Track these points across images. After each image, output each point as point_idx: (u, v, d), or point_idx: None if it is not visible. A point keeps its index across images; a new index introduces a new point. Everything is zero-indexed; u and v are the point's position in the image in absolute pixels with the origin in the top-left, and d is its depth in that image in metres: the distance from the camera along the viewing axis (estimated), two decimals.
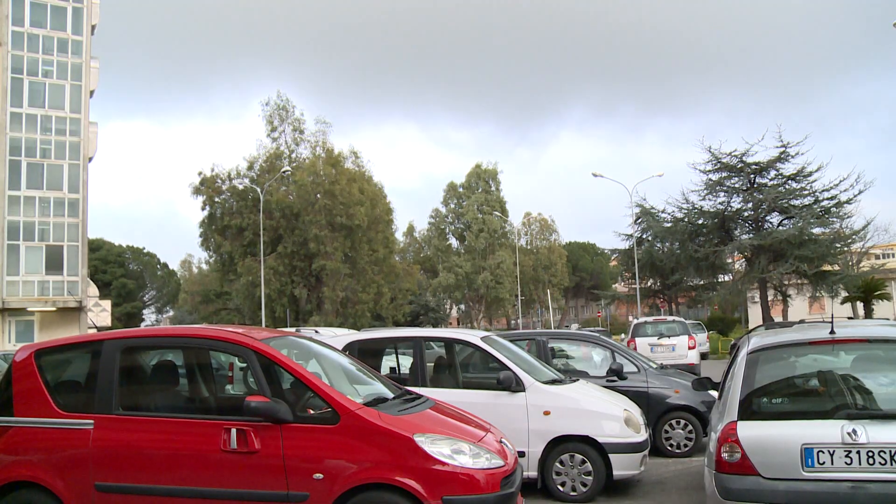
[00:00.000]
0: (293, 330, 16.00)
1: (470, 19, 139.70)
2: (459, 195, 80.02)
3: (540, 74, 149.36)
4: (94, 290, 45.63)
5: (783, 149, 37.57)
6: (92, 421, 5.92)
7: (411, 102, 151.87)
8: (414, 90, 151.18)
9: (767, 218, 38.84)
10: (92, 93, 40.47)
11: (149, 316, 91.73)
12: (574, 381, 9.13)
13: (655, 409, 10.51)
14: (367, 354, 9.15)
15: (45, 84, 38.76)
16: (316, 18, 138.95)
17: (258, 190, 48.67)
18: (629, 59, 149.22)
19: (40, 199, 38.16)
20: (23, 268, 37.65)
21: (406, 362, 9.92)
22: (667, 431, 10.62)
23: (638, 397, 10.00)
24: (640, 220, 46.26)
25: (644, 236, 47.61)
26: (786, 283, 39.66)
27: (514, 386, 8.13)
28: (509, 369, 8.27)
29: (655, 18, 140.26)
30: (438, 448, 5.43)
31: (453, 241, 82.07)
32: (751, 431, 5.33)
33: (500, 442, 6.09)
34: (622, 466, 8.10)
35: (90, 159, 40.13)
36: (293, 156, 57.54)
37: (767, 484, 5.22)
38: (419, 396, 6.48)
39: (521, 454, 7.50)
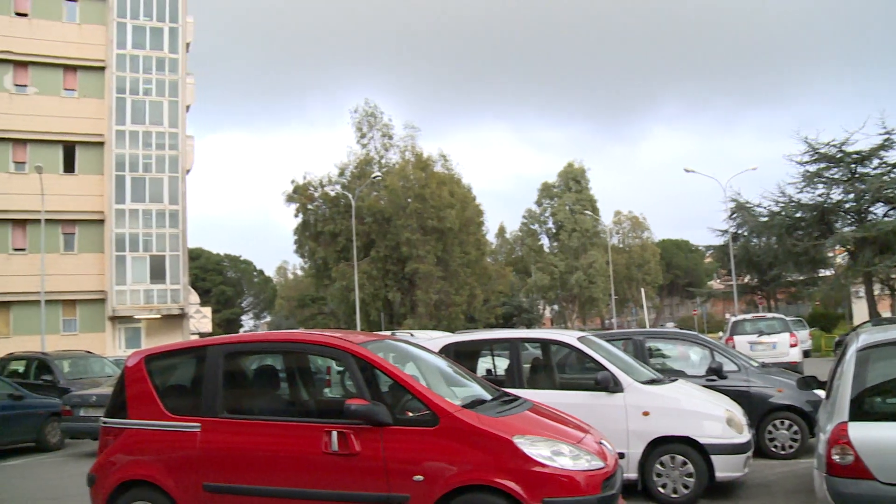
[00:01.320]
0: (389, 333, 16.25)
1: (561, 17, 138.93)
2: (552, 195, 79.63)
3: (631, 71, 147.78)
4: (195, 297, 47.18)
5: (887, 136, 35.80)
6: (199, 424, 6.14)
7: (503, 104, 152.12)
8: (506, 91, 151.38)
9: (871, 209, 37.16)
10: (188, 108, 41.94)
11: (247, 321, 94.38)
12: (673, 380, 8.96)
13: (758, 409, 10.18)
14: (462, 356, 9.13)
15: (146, 101, 40.36)
16: (406, 24, 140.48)
17: (350, 196, 49.45)
18: (721, 51, 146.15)
19: (143, 211, 39.74)
20: (130, 277, 39.24)
21: (502, 364, 9.94)
22: (770, 432, 10.30)
23: (739, 397, 9.70)
24: (734, 216, 45.10)
25: (739, 231, 46.38)
26: (893, 276, 37.98)
27: (612, 386, 8.04)
28: (607, 369, 8.18)
29: (747, 8, 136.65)
30: (538, 450, 5.39)
31: (545, 241, 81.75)
32: (864, 433, 5.10)
33: (600, 443, 6.04)
34: (725, 468, 7.92)
35: (188, 171, 41.56)
36: (383, 161, 58.26)
37: (886, 489, 4.97)
38: (517, 398, 6.46)
39: (621, 455, 7.40)
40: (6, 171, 38.17)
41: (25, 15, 39.39)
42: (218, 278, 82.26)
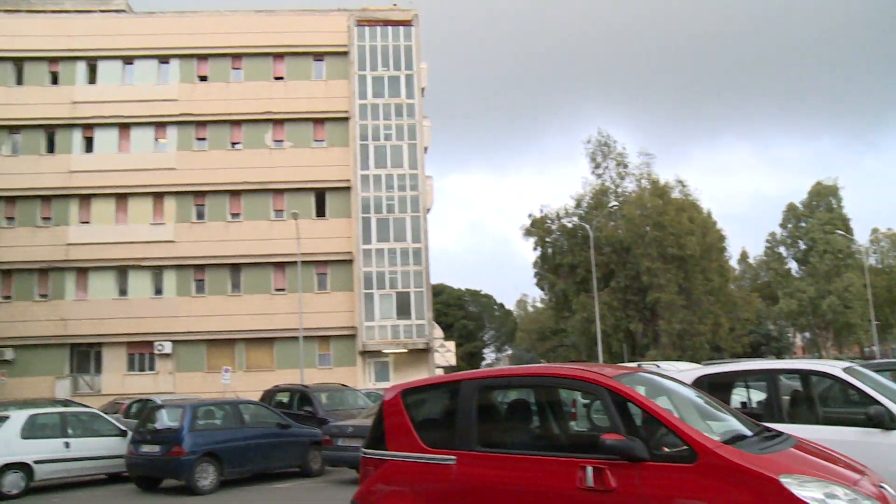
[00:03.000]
0: (635, 365, 15.83)
1: (800, 26, 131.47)
2: (799, 215, 74.84)
3: (886, 76, 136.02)
4: (439, 332, 48.71)
5: None
6: (454, 457, 6.16)
7: (741, 122, 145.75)
8: (744, 109, 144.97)
9: None
10: (426, 149, 43.83)
11: (488, 355, 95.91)
12: None
13: None
14: (715, 388, 8.55)
15: (387, 146, 42.73)
16: (636, 51, 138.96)
17: (587, 227, 49.30)
18: None
19: (389, 250, 41.87)
20: (378, 314, 41.36)
21: (757, 396, 9.37)
22: None
23: None
24: None
25: None
26: None
27: (889, 423, 7.26)
28: (881, 404, 7.38)
29: None
30: (809, 492, 4.89)
31: (793, 265, 76.83)
32: None
33: (880, 486, 5.46)
34: None
35: (428, 210, 43.32)
36: (619, 190, 57.64)
37: None
38: (780, 433, 6.04)
39: None
40: (268, 219, 41.95)
41: (281, 78, 43.42)
42: (460, 313, 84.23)
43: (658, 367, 15.24)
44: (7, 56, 43.30)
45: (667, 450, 5.41)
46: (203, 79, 43.61)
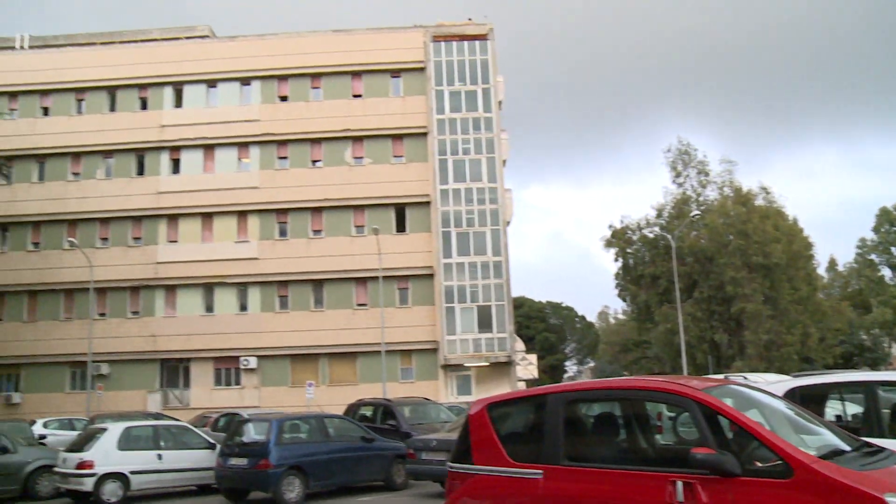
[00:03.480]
0: (722, 377, 15.47)
1: (889, 23, 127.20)
2: (892, 220, 72.14)
3: None
4: (520, 345, 48.56)
5: None
6: (541, 471, 6.10)
7: (830, 123, 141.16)
8: (833, 110, 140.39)
9: None
10: (504, 162, 43.84)
11: (570, 367, 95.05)
12: None
13: None
14: (808, 401, 8.29)
15: (465, 160, 42.87)
16: (714, 54, 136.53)
17: (668, 237, 48.50)
18: None
19: (469, 264, 41.93)
20: (459, 327, 41.41)
21: (853, 410, 9.04)
22: None
23: None
24: None
25: None
26: None
27: None
28: None
29: None
30: None
31: (886, 272, 74.02)
32: None
33: None
34: None
35: (508, 223, 43.26)
36: (700, 199, 56.50)
37: None
38: (882, 449, 5.74)
39: None
40: (349, 235, 42.53)
41: (360, 96, 44.08)
42: (541, 325, 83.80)
43: (746, 378, 14.78)
44: (101, 85, 45.29)
45: (759, 465, 5.24)
46: (284, 99, 44.59)
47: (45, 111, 45.99)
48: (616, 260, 57.92)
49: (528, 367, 51.02)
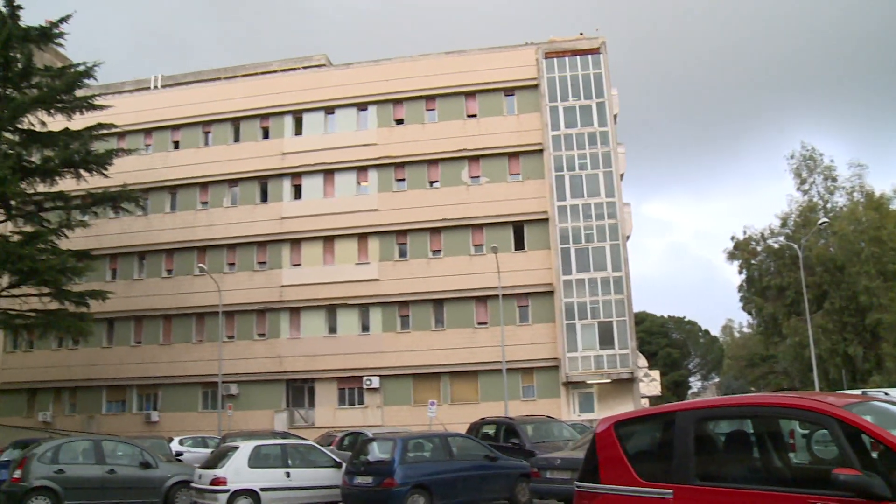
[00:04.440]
0: (859, 393, 14.72)
1: None
2: None
3: None
4: (642, 361, 47.61)
5: None
6: (671, 490, 6.02)
7: None
8: None
9: None
10: (622, 176, 43.23)
11: (694, 383, 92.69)
12: None
13: None
14: None
15: (582, 176, 42.50)
16: (835, 52, 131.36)
17: (795, 246, 46.73)
18: None
19: (589, 280, 41.43)
20: (580, 344, 40.92)
21: None
22: None
23: None
24: None
25: None
26: None
27: None
28: None
29: None
30: None
31: None
32: None
33: None
34: None
35: (627, 238, 42.61)
36: (828, 206, 54.27)
37: None
38: None
39: None
40: (468, 255, 42.74)
41: (474, 116, 44.39)
42: (663, 341, 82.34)
43: (887, 394, 14.06)
44: (226, 117, 47.32)
45: None
46: (399, 122, 45.32)
47: (176, 145, 48.35)
48: (740, 272, 56.32)
49: (650, 383, 50.03)
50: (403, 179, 44.57)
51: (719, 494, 5.81)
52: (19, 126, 36.84)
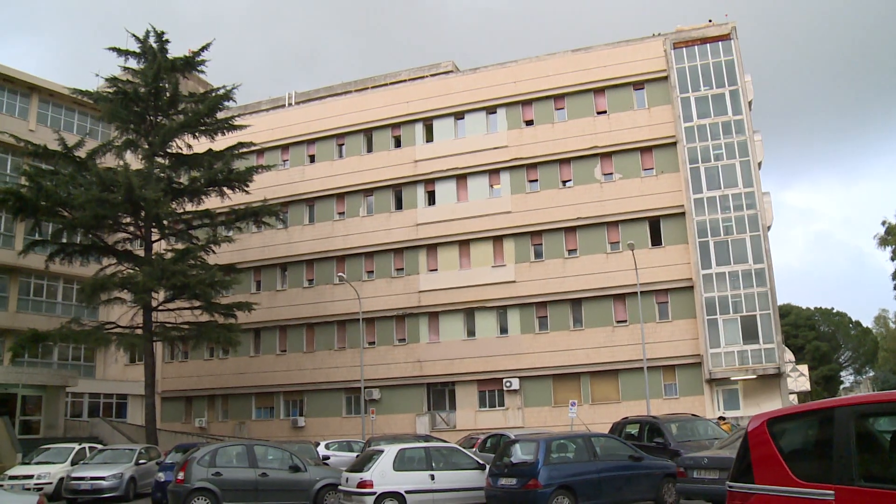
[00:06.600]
0: None
1: None
2: None
3: None
4: (789, 355, 46.06)
5: None
6: (832, 492, 5.73)
7: None
8: None
9: None
10: (760, 164, 41.90)
11: (846, 378, 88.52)
12: None
13: None
14: None
15: (718, 167, 41.43)
16: None
17: None
18: None
19: (729, 273, 40.33)
20: (723, 340, 39.86)
21: None
22: None
23: None
24: None
25: None
26: None
27: None
28: None
29: None
30: None
31: None
32: None
33: None
34: None
35: (768, 228, 41.25)
36: None
37: None
38: None
39: None
40: (604, 252, 42.37)
41: (604, 112, 44.00)
42: (810, 334, 79.08)
43: None
44: (358, 129, 48.80)
45: None
46: (529, 123, 45.39)
47: (312, 158, 50.11)
48: (893, 258, 53.46)
49: (798, 378, 48.33)
50: (536, 180, 44.63)
51: (887, 496, 5.44)
52: (168, 150, 39.15)
